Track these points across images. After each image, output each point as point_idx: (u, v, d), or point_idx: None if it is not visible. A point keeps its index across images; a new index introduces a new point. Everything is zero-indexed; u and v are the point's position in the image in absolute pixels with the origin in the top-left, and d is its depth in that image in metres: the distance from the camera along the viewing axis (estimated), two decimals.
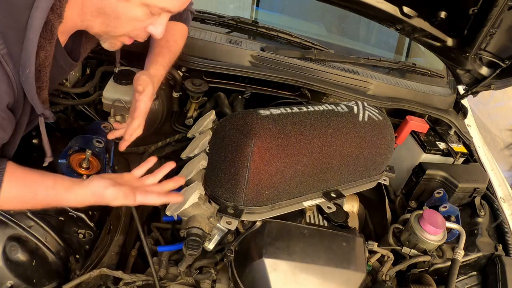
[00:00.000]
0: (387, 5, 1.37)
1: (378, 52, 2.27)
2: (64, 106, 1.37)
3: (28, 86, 0.82)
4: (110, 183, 0.93)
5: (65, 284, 1.09)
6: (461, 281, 1.36)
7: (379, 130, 1.16)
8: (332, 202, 1.11)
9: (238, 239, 1.06)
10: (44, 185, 0.90)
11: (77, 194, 0.92)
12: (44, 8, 0.79)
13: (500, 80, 1.54)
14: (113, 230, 1.29)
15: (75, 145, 1.16)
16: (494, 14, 1.21)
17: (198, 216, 1.08)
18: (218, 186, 1.03)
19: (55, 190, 0.90)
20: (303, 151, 1.01)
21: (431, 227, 1.21)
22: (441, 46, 1.48)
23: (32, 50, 0.79)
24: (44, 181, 0.90)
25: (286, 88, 1.61)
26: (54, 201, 0.91)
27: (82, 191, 0.92)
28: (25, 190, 0.89)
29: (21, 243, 1.07)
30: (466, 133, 1.76)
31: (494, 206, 1.51)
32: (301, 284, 0.98)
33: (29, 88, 0.82)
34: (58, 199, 0.91)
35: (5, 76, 0.79)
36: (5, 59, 0.78)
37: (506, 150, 3.56)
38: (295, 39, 1.78)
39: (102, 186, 0.92)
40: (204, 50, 1.55)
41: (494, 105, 3.53)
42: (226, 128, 1.02)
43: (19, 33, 0.79)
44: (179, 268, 1.10)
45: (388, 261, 1.25)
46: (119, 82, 1.33)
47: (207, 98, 1.56)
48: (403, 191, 1.58)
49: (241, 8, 2.27)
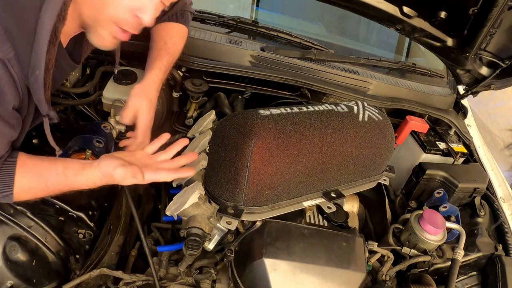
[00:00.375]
0: (387, 5, 1.37)
1: (378, 52, 2.27)
2: (64, 106, 1.37)
3: (36, 87, 0.83)
4: (118, 163, 0.92)
5: (65, 284, 1.09)
6: (461, 281, 1.36)
7: (379, 130, 1.16)
8: (332, 202, 1.11)
9: (238, 239, 1.06)
10: (55, 171, 0.91)
11: (87, 177, 0.93)
12: (53, 12, 0.80)
13: (500, 80, 1.54)
14: (113, 230, 1.29)
15: (75, 145, 1.16)
16: (494, 14, 1.21)
17: (198, 216, 1.08)
18: (218, 186, 1.03)
19: (65, 175, 0.91)
20: (303, 151, 1.01)
21: (431, 227, 1.21)
22: (441, 46, 1.48)
23: (43, 53, 0.80)
24: (54, 168, 0.91)
25: (286, 88, 1.61)
26: (66, 185, 0.93)
27: (92, 173, 0.93)
28: (37, 179, 0.91)
29: (21, 243, 1.06)
30: (466, 133, 1.76)
31: (494, 206, 1.51)
32: (301, 284, 0.98)
33: (37, 89, 0.83)
34: (69, 183, 0.93)
35: (11, 79, 0.80)
36: (12, 63, 0.79)
37: (506, 150, 3.56)
38: (295, 39, 1.78)
39: (111, 167, 0.92)
40: (204, 50, 1.55)
41: (494, 105, 3.53)
42: (226, 128, 1.02)
43: (28, 34, 0.80)
44: (179, 268, 1.10)
45: (388, 261, 1.25)
46: (119, 82, 1.34)
47: (207, 98, 1.56)
48: (403, 191, 1.58)
49: (241, 8, 2.27)
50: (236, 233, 1.14)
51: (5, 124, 0.83)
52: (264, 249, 0.98)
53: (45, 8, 0.80)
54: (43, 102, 0.86)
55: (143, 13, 0.90)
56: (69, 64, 1.01)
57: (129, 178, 0.93)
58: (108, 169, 0.92)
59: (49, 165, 0.92)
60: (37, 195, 0.95)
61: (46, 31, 0.80)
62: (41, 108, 0.87)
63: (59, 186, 0.93)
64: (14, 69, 0.80)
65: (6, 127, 0.84)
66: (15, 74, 0.80)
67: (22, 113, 0.89)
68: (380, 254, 1.26)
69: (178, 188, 1.17)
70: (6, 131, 0.85)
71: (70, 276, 1.16)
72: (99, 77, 1.43)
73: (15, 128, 0.88)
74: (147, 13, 0.90)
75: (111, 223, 1.29)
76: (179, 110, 1.56)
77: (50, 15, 0.80)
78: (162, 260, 1.16)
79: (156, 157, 1.05)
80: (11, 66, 0.79)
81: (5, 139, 0.86)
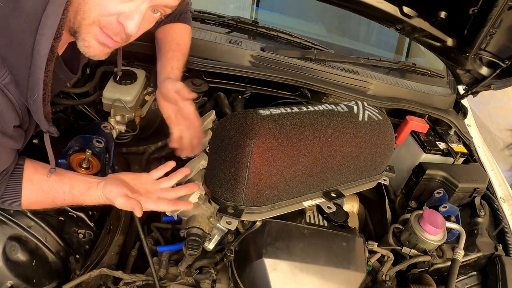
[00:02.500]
0: (387, 5, 1.37)
1: (378, 52, 2.27)
2: (64, 106, 1.37)
3: (36, 108, 0.83)
4: (120, 192, 0.98)
5: (65, 284, 1.10)
6: (461, 281, 1.35)
7: (379, 130, 1.16)
8: (332, 202, 1.11)
9: (238, 239, 1.06)
10: (62, 190, 0.98)
11: (92, 197, 1.00)
12: (49, 36, 0.76)
13: (500, 80, 1.54)
14: (113, 230, 1.29)
15: (75, 145, 1.16)
16: (494, 14, 1.21)
17: (198, 216, 1.08)
18: (218, 186, 1.03)
19: (71, 194, 0.99)
20: (303, 151, 1.01)
21: (431, 227, 1.21)
22: (441, 46, 1.48)
23: (40, 77, 0.79)
24: (61, 187, 0.99)
25: (286, 88, 1.61)
26: (72, 202, 1.01)
27: (97, 194, 1.00)
28: (44, 196, 0.97)
29: (21, 243, 1.07)
30: (466, 133, 1.76)
31: (494, 206, 1.51)
32: (301, 284, 0.98)
33: (37, 109, 0.83)
34: (75, 200, 1.00)
35: (10, 104, 0.81)
36: (8, 87, 0.79)
37: (506, 150, 3.56)
38: (295, 39, 1.78)
39: (113, 195, 0.98)
40: (204, 50, 1.55)
41: (494, 105, 3.53)
42: (226, 128, 1.02)
43: (25, 58, 0.78)
44: (179, 268, 1.10)
45: (388, 261, 1.25)
46: (119, 82, 1.33)
47: (207, 98, 1.56)
48: (403, 191, 1.58)
49: (241, 8, 2.27)
50: (236, 233, 1.14)
51: (8, 138, 0.85)
52: (264, 249, 0.98)
53: (41, 32, 0.76)
54: (43, 121, 0.86)
55: (127, 19, 0.83)
56: (67, 75, 1.01)
57: (128, 209, 0.98)
58: (110, 194, 0.99)
59: (57, 184, 0.97)
60: (44, 207, 1.02)
61: (43, 55, 0.77)
62: (41, 125, 0.88)
63: (66, 202, 1.00)
64: (11, 92, 0.80)
65: (10, 140, 0.86)
66: (13, 97, 0.81)
67: (24, 127, 0.91)
68: (380, 254, 1.26)
69: None
70: (10, 143, 0.86)
71: (70, 276, 1.16)
72: (99, 77, 1.43)
73: (18, 141, 0.90)
74: (131, 21, 0.83)
75: (111, 223, 1.30)
76: None
77: (46, 40, 0.76)
78: (162, 260, 1.16)
79: (159, 183, 1.09)
80: (8, 90, 0.79)
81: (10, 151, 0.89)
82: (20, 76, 0.79)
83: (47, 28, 0.76)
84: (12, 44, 0.77)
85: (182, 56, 1.26)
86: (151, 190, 1.07)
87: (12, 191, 0.94)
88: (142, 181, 1.07)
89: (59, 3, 0.76)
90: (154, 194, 1.06)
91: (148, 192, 1.06)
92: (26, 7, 0.74)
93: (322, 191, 1.12)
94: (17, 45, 0.77)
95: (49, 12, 0.75)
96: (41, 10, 0.75)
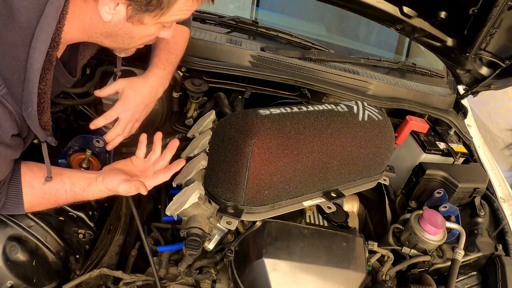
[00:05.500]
0: (387, 5, 1.37)
1: (378, 52, 2.27)
2: (64, 106, 1.37)
3: (31, 121, 0.83)
4: (121, 179, 1.00)
5: (65, 284, 1.09)
6: (461, 281, 1.36)
7: (379, 130, 1.16)
8: (332, 202, 1.11)
9: (238, 239, 1.06)
10: (63, 190, 0.99)
11: (93, 192, 1.01)
12: (43, 50, 0.76)
13: (500, 80, 1.54)
14: (113, 230, 1.29)
15: (75, 145, 1.16)
16: (494, 14, 1.21)
17: (198, 216, 1.08)
18: (218, 186, 1.03)
19: (73, 192, 1.00)
20: (303, 150, 1.01)
21: (431, 227, 1.21)
22: (441, 46, 1.48)
23: (34, 91, 0.78)
24: (62, 187, 0.98)
25: (286, 88, 1.61)
26: (75, 199, 1.02)
27: (98, 188, 1.01)
28: (47, 198, 0.98)
29: (21, 243, 1.07)
30: (466, 133, 1.76)
31: (494, 206, 1.51)
32: (301, 284, 0.98)
33: (32, 122, 0.83)
34: (78, 197, 1.01)
35: (8, 114, 0.81)
36: (6, 98, 0.79)
37: (506, 150, 3.56)
38: (295, 39, 1.78)
39: (115, 183, 0.99)
40: (204, 50, 1.55)
41: (494, 105, 3.53)
42: (226, 128, 1.02)
43: (19, 72, 0.77)
44: (179, 268, 1.10)
45: (388, 261, 1.25)
46: None
47: (207, 98, 1.56)
48: (403, 191, 1.58)
49: (241, 8, 2.27)
50: (236, 233, 1.14)
51: (7, 147, 0.85)
52: (264, 249, 0.98)
53: (34, 46, 0.75)
54: (40, 131, 0.86)
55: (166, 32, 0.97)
56: (67, 79, 1.01)
57: (133, 191, 0.99)
58: (112, 185, 1.00)
59: (57, 185, 0.98)
60: (48, 208, 1.03)
61: (36, 69, 0.76)
62: (38, 135, 0.88)
63: (69, 201, 1.01)
64: (9, 102, 0.80)
65: (9, 150, 0.86)
66: (11, 107, 0.81)
67: (22, 135, 0.91)
68: (380, 254, 1.26)
69: (178, 188, 1.17)
70: (8, 153, 0.86)
71: (70, 276, 1.16)
72: (99, 77, 1.43)
73: (17, 149, 0.90)
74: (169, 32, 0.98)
75: (111, 223, 1.30)
76: (179, 110, 1.56)
77: (40, 53, 0.75)
78: (162, 260, 1.16)
79: (149, 160, 1.11)
80: (6, 100, 0.79)
81: (8, 160, 0.89)
82: (14, 89, 0.79)
83: (41, 41, 0.75)
84: (5, 57, 0.75)
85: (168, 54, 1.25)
86: (145, 168, 1.10)
87: (13, 198, 0.94)
88: (135, 163, 1.10)
89: (52, 16, 0.75)
90: (149, 170, 1.09)
91: (144, 171, 1.09)
92: (20, 19, 0.73)
93: (322, 191, 1.12)
94: (10, 59, 0.75)
95: (43, 25, 0.74)
96: (35, 23, 0.74)
